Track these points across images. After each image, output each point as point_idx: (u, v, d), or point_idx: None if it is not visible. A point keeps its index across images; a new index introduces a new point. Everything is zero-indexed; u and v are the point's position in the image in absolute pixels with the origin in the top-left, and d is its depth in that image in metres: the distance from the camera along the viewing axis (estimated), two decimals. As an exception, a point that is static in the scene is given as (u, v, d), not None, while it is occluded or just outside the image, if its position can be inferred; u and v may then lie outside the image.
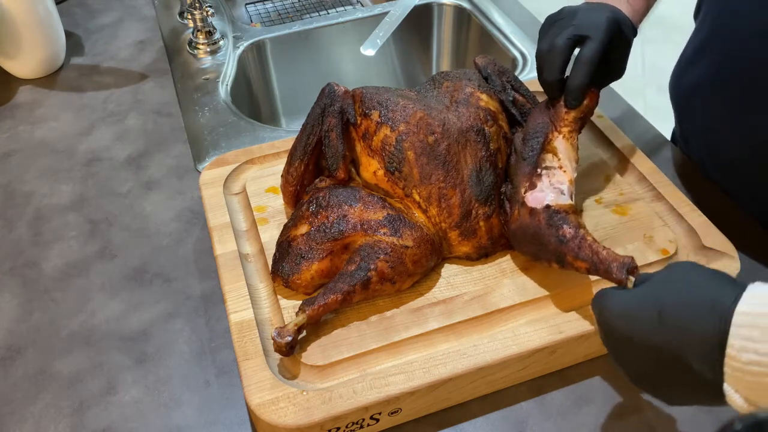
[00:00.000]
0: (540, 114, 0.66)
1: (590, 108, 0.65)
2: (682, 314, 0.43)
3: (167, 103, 0.98)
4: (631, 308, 0.47)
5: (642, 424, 0.58)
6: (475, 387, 0.59)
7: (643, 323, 0.46)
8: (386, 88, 0.68)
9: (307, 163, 0.67)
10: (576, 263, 0.56)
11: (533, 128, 0.65)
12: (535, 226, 0.59)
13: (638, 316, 0.46)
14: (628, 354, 0.48)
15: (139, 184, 0.85)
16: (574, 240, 0.57)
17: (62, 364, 0.65)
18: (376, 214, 0.63)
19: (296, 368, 0.57)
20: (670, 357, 0.44)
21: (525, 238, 0.61)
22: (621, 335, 0.48)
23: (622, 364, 0.50)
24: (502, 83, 0.71)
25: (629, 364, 0.49)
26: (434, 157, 0.64)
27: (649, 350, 0.45)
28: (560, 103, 0.64)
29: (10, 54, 0.99)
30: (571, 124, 0.64)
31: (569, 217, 0.58)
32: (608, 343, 0.51)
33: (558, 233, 0.57)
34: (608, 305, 0.49)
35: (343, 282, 0.59)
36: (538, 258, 0.61)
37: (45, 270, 0.74)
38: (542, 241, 0.59)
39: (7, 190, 0.84)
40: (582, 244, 0.56)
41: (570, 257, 0.57)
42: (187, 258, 0.74)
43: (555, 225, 0.58)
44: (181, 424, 0.60)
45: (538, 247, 0.60)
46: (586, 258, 0.56)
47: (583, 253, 0.56)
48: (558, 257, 0.58)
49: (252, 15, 1.36)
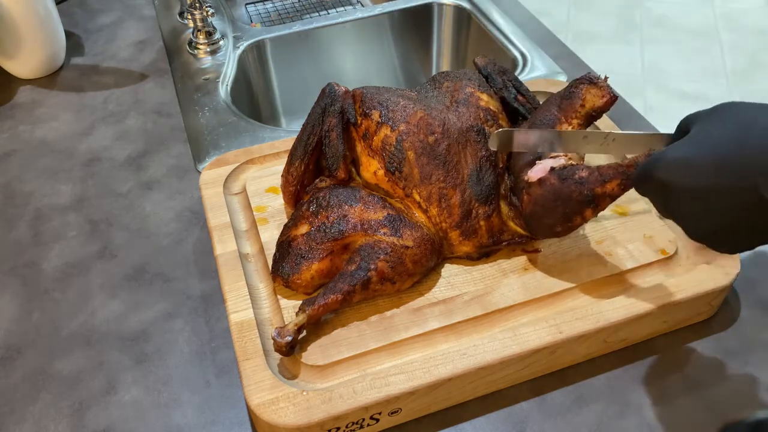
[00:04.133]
0: (549, 107, 0.66)
1: (606, 105, 0.65)
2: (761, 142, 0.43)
3: (167, 103, 0.98)
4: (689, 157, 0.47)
5: (642, 424, 0.58)
6: (475, 387, 0.59)
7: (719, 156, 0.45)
8: (387, 88, 0.69)
9: (308, 163, 0.67)
10: (607, 188, 0.56)
11: (541, 120, 0.65)
12: (550, 190, 0.59)
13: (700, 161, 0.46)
14: (695, 206, 0.47)
15: (139, 184, 0.85)
16: (592, 174, 0.57)
17: (62, 364, 0.65)
18: (376, 214, 0.63)
19: (296, 368, 0.57)
20: (745, 192, 0.43)
21: (546, 208, 0.60)
22: (688, 186, 0.47)
23: (686, 221, 0.49)
24: (503, 81, 0.71)
25: (694, 218, 0.48)
26: (434, 157, 0.64)
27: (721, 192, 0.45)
28: (577, 98, 0.64)
29: (10, 54, 0.99)
30: (582, 118, 0.64)
31: (574, 164, 0.59)
32: (671, 204, 0.50)
33: (575, 179, 0.58)
34: (665, 159, 0.48)
35: (343, 282, 0.59)
36: (569, 220, 0.60)
37: (45, 270, 0.74)
38: (565, 197, 0.58)
39: (7, 190, 0.84)
40: (601, 171, 0.56)
41: (599, 188, 0.56)
42: (187, 258, 0.74)
43: (568, 176, 0.58)
44: (181, 424, 0.60)
45: (564, 208, 0.59)
46: (614, 175, 0.56)
47: (607, 174, 0.56)
48: (588, 200, 0.57)
49: (252, 15, 1.36)
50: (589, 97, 0.64)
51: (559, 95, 0.66)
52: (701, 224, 0.48)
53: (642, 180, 0.52)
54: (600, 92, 0.64)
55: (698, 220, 0.48)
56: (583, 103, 0.64)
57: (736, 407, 0.59)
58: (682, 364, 0.62)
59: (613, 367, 0.62)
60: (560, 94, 0.66)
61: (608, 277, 0.63)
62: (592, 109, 0.64)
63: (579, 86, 0.65)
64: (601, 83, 0.64)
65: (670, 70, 2.45)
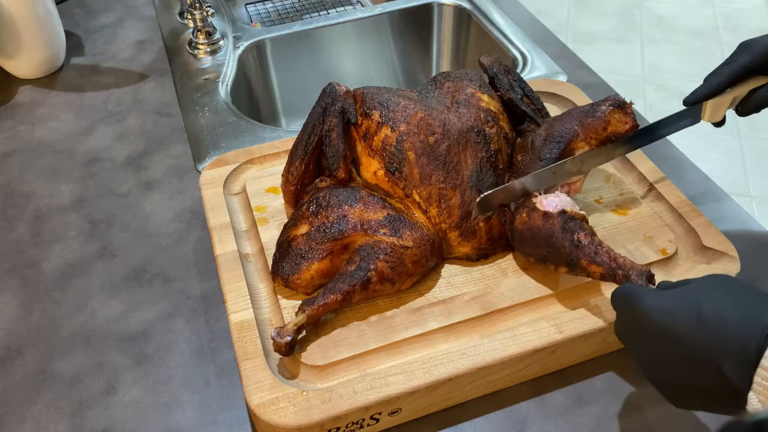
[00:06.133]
0: (570, 120, 0.66)
1: (627, 132, 0.65)
2: (723, 319, 0.44)
3: (167, 103, 0.98)
4: (671, 306, 0.47)
5: (642, 424, 0.58)
6: (475, 387, 0.59)
7: (683, 321, 0.46)
8: (387, 89, 0.68)
9: (308, 163, 0.67)
10: (591, 268, 0.57)
11: (559, 132, 0.65)
12: (548, 229, 0.59)
13: (678, 315, 0.46)
14: (653, 351, 0.48)
15: (139, 184, 0.85)
16: (590, 245, 0.57)
17: (62, 364, 0.65)
18: (376, 214, 0.63)
19: (296, 368, 0.57)
20: (701, 358, 0.44)
21: (534, 240, 0.61)
22: (652, 330, 0.48)
23: (642, 357, 0.50)
24: (510, 82, 0.71)
25: (649, 359, 0.49)
26: (434, 158, 0.64)
27: (681, 349, 0.46)
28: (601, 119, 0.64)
29: (10, 54, 0.99)
30: (600, 140, 0.65)
31: (584, 224, 0.59)
32: (630, 336, 0.51)
33: (573, 237, 0.58)
34: (645, 300, 0.49)
35: (343, 282, 0.59)
36: (544, 261, 0.61)
37: (45, 270, 0.74)
38: (555, 244, 0.59)
39: (7, 190, 0.84)
40: (599, 250, 0.57)
41: (584, 262, 0.57)
42: (187, 258, 0.74)
43: (570, 230, 0.58)
44: (181, 424, 0.60)
45: (547, 251, 0.60)
46: (603, 263, 0.56)
47: (600, 258, 0.56)
48: (570, 261, 0.58)
49: (252, 15, 1.36)
50: (613, 121, 0.65)
51: (582, 110, 0.66)
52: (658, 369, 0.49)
53: (618, 300, 0.52)
54: (624, 118, 0.65)
55: (657, 365, 0.49)
56: (606, 126, 0.65)
57: (736, 407, 0.59)
58: (682, 364, 0.62)
59: (613, 367, 0.62)
60: (584, 109, 0.66)
61: (608, 277, 0.63)
62: (613, 134, 0.65)
63: (606, 106, 0.65)
64: (627, 109, 0.65)
65: (670, 70, 2.45)
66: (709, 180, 0.82)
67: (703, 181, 0.82)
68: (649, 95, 2.33)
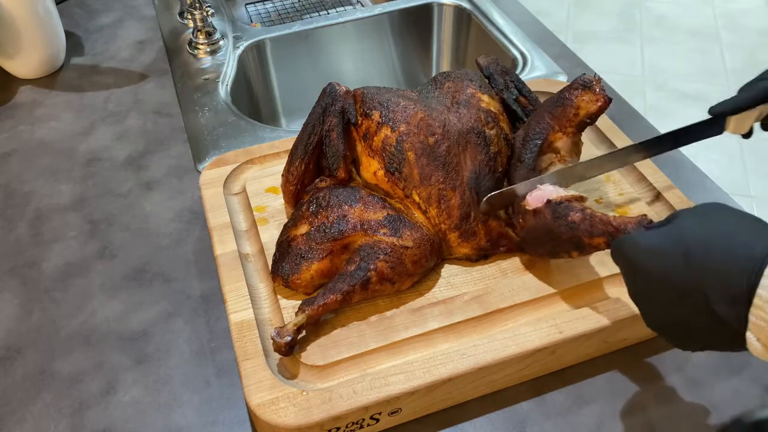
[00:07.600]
0: (542, 115, 0.65)
1: (600, 110, 0.64)
2: (710, 256, 0.42)
3: (167, 103, 0.98)
4: (657, 245, 0.46)
5: (642, 424, 0.58)
6: (475, 387, 0.59)
7: (670, 262, 0.44)
8: (387, 89, 0.68)
9: (308, 163, 0.67)
10: (594, 241, 0.56)
11: (533, 130, 0.65)
12: (542, 224, 0.59)
13: (666, 255, 0.45)
14: (650, 294, 0.47)
15: (139, 184, 0.85)
16: (584, 222, 0.56)
17: (62, 364, 0.65)
18: (376, 214, 0.63)
19: (296, 368, 0.57)
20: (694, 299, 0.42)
21: (537, 239, 0.60)
22: (645, 274, 0.47)
23: (642, 305, 0.49)
24: (505, 82, 0.71)
25: (649, 305, 0.48)
26: (434, 158, 0.64)
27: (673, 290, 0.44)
28: (570, 105, 0.63)
29: (10, 54, 0.99)
30: (575, 126, 0.64)
31: (572, 203, 0.58)
32: (632, 284, 0.50)
33: (567, 221, 0.57)
34: (635, 246, 0.48)
35: (343, 282, 0.59)
36: (556, 255, 0.60)
37: (45, 270, 0.74)
38: (555, 235, 0.58)
39: (7, 190, 0.84)
40: (593, 222, 0.56)
41: (586, 239, 0.56)
42: (187, 258, 0.74)
43: (561, 215, 0.57)
44: (181, 424, 0.60)
45: (553, 244, 0.59)
46: (601, 232, 0.55)
47: (596, 228, 0.55)
48: (575, 244, 0.57)
49: (252, 15, 1.36)
50: (582, 105, 0.63)
51: (551, 101, 0.65)
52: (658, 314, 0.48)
53: (614, 254, 0.52)
54: (594, 97, 0.63)
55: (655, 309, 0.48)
56: (577, 111, 0.63)
57: (736, 407, 0.59)
58: (682, 364, 0.62)
59: (613, 367, 0.62)
60: (552, 100, 0.65)
61: (609, 277, 0.63)
62: (587, 116, 0.64)
63: (572, 92, 0.64)
64: (595, 86, 0.63)
65: (670, 70, 2.45)
66: (709, 180, 0.82)
67: (703, 181, 0.82)
68: (649, 95, 2.33)
